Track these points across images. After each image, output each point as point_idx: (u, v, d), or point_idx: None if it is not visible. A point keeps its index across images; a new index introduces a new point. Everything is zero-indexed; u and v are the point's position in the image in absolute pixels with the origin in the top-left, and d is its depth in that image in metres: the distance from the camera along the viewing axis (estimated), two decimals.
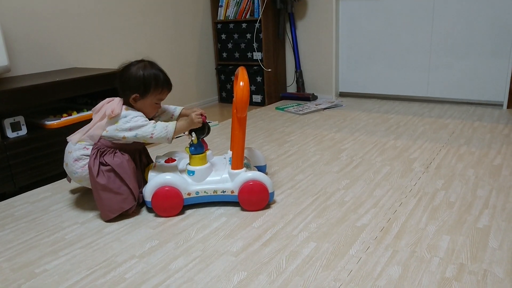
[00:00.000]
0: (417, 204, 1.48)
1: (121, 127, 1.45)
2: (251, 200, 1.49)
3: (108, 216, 1.46)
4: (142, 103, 1.50)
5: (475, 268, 1.11)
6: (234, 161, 1.51)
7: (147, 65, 1.50)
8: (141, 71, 1.47)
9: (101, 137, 1.47)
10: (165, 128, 1.46)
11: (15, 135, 1.75)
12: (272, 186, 1.51)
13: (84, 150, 1.48)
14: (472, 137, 2.19)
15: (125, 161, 1.47)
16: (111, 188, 1.44)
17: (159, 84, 1.49)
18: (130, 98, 1.48)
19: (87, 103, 2.18)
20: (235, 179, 1.50)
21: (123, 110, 1.47)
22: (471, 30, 2.78)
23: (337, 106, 3.07)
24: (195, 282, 1.11)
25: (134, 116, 1.47)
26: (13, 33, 2.09)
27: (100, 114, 1.48)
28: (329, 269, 1.14)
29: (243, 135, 1.50)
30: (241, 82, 1.43)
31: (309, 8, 3.27)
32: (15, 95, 1.70)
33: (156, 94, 1.50)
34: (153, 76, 1.48)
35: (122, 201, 1.46)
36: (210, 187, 1.51)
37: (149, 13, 2.83)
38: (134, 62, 1.51)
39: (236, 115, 1.48)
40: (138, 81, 1.47)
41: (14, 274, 1.19)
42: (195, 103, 3.32)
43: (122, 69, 1.51)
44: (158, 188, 1.46)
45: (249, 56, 3.26)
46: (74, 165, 1.49)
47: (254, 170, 1.59)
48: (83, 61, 2.44)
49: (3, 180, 1.69)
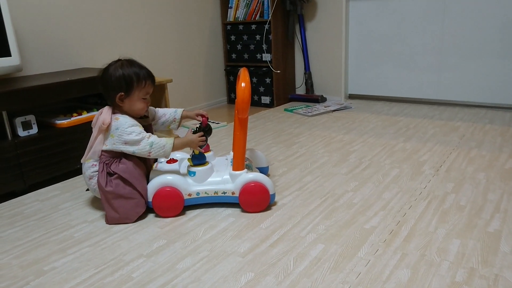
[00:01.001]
0: (426, 207, 1.47)
1: (117, 141, 1.43)
2: (252, 202, 1.48)
3: (130, 220, 1.46)
4: (129, 101, 1.46)
5: (486, 272, 1.09)
6: (235, 162, 1.50)
7: (125, 63, 1.46)
8: (119, 69, 1.44)
9: (102, 151, 1.46)
10: (162, 147, 1.44)
11: (26, 133, 1.77)
12: (273, 188, 1.50)
13: (93, 167, 1.49)
14: (483, 140, 2.17)
15: (130, 166, 1.46)
16: (122, 194, 1.44)
17: (141, 78, 1.45)
18: (116, 99, 1.44)
19: (96, 103, 2.20)
20: (236, 180, 1.49)
21: (113, 120, 1.43)
22: (482, 32, 2.75)
23: (346, 108, 3.05)
24: (202, 282, 1.11)
25: (126, 127, 1.42)
26: (25, 33, 2.12)
27: (97, 127, 1.46)
28: (337, 271, 1.13)
29: (244, 136, 1.50)
30: (242, 83, 1.43)
31: (318, 9, 3.26)
32: (26, 94, 1.72)
33: (140, 88, 1.46)
34: (133, 72, 1.44)
35: (135, 206, 1.46)
36: (211, 188, 1.50)
37: (159, 14, 2.85)
38: (111, 62, 1.48)
39: (237, 116, 1.48)
40: (119, 79, 1.43)
41: (23, 271, 1.20)
42: (203, 104, 3.33)
43: (101, 72, 1.47)
44: (159, 189, 1.46)
45: (258, 57, 3.26)
46: (90, 183, 1.50)
47: (256, 171, 1.58)
48: (93, 61, 2.45)
49: (14, 178, 1.70)
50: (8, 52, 1.84)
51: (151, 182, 1.48)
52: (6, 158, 1.67)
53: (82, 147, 1.89)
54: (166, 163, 1.59)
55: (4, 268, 1.22)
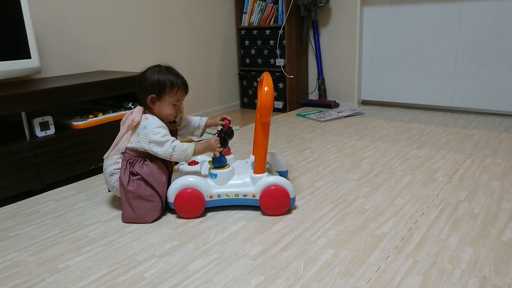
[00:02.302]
0: (439, 215, 1.46)
1: (143, 140, 1.47)
2: (272, 205, 1.49)
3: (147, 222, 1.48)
4: (160, 104, 1.51)
5: (499, 281, 1.08)
6: (257, 166, 1.52)
7: (162, 69, 1.53)
8: (156, 74, 1.51)
9: (126, 148, 1.51)
10: (184, 151, 1.48)
11: (44, 134, 1.81)
12: (294, 192, 1.51)
13: (116, 165, 1.52)
14: (498, 149, 2.14)
15: (155, 169, 1.49)
16: (142, 196, 1.47)
17: (174, 84, 1.51)
18: (147, 99, 1.50)
19: (112, 105, 2.24)
20: (257, 183, 1.51)
21: (143, 120, 1.49)
22: (498, 39, 2.72)
23: (359, 114, 3.05)
24: (213, 283, 1.12)
25: (154, 127, 1.47)
26: (45, 37, 2.17)
27: (125, 125, 1.52)
28: (347, 276, 1.13)
29: (266, 140, 1.51)
30: (265, 87, 1.44)
31: (333, 15, 3.27)
32: (45, 95, 1.76)
33: (172, 94, 1.51)
34: (168, 77, 1.51)
35: (153, 209, 1.48)
36: (232, 190, 1.52)
37: (174, 18, 2.89)
38: (151, 66, 1.55)
39: (260, 120, 1.49)
40: (153, 83, 1.49)
41: (38, 268, 1.23)
42: (217, 108, 3.36)
43: (139, 74, 1.55)
44: (181, 190, 1.48)
45: (272, 62, 3.27)
46: (110, 180, 1.54)
47: (276, 175, 1.59)
48: (110, 64, 2.50)
49: (31, 177, 1.74)
50: (28, 54, 1.89)
51: (173, 183, 1.50)
52: (24, 158, 1.71)
53: (98, 148, 1.94)
54: (187, 165, 1.62)
55: (20, 265, 1.25)
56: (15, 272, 1.22)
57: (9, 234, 1.45)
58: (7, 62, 1.83)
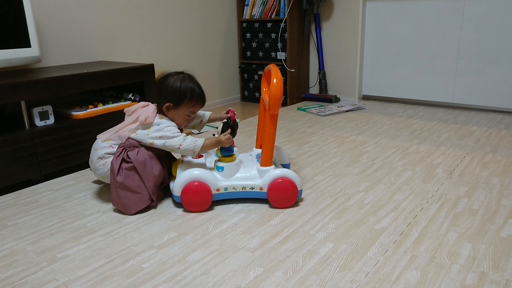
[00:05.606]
0: (438, 210, 1.46)
1: (152, 134, 1.48)
2: (280, 197, 1.49)
3: (129, 212, 1.48)
4: (174, 113, 1.53)
5: (497, 277, 1.08)
6: (264, 158, 1.50)
7: (186, 78, 1.53)
8: (178, 82, 1.51)
9: (128, 138, 1.51)
10: (193, 142, 1.49)
11: (43, 123, 1.80)
12: (301, 184, 1.51)
13: (109, 149, 1.52)
14: (499, 145, 2.14)
15: (148, 158, 1.49)
16: (129, 187, 1.46)
17: (194, 97, 1.52)
18: (164, 106, 1.51)
19: (112, 96, 2.23)
20: (264, 176, 1.50)
21: (157, 119, 1.51)
22: (501, 36, 2.71)
23: (359, 109, 3.04)
24: (211, 275, 1.12)
25: (167, 125, 1.50)
26: (45, 25, 2.16)
27: (133, 117, 1.52)
28: (346, 269, 1.13)
29: (274, 132, 1.50)
30: (274, 79, 1.43)
31: (335, 9, 3.25)
32: (44, 85, 1.75)
33: (189, 106, 1.53)
34: (189, 88, 1.51)
35: (138, 200, 1.48)
36: (239, 183, 1.51)
37: (176, 10, 2.87)
38: (173, 72, 1.55)
39: (269, 112, 1.48)
40: (174, 91, 1.50)
41: (37, 257, 1.23)
42: (217, 101, 3.35)
43: (161, 78, 1.55)
44: (188, 184, 1.47)
45: (273, 55, 3.26)
46: (97, 162, 1.53)
47: (280, 167, 1.59)
48: (110, 55, 2.49)
49: (30, 167, 1.74)
50: (28, 43, 1.88)
51: (179, 177, 1.48)
52: (24, 147, 1.70)
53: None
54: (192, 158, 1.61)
55: (19, 254, 1.25)
56: (14, 260, 1.22)
57: (7, 223, 1.45)
58: (7, 51, 1.81)
